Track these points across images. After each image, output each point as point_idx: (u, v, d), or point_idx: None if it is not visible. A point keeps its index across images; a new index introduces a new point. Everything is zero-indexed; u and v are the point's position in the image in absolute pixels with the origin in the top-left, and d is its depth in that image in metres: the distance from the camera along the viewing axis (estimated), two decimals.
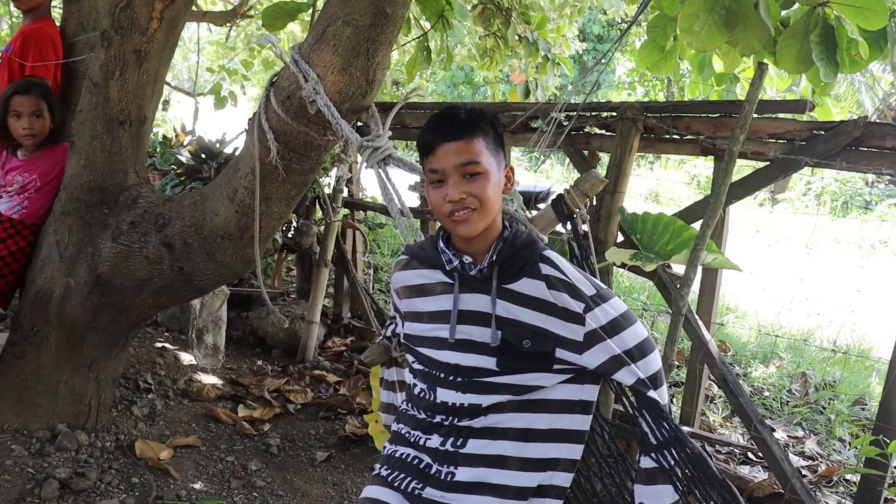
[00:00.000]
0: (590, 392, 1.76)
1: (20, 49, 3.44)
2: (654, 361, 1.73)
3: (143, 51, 2.89)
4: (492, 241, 1.72)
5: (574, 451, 1.75)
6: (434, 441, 1.74)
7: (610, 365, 1.69)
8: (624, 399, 1.82)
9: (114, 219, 3.01)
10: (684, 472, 1.70)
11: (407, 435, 1.81)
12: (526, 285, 1.70)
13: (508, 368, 1.70)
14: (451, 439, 1.72)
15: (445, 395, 1.73)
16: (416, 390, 1.82)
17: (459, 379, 1.71)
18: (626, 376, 1.70)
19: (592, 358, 1.69)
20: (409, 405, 1.85)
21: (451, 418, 1.72)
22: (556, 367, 1.71)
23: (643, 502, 1.72)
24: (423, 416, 1.78)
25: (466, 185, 1.64)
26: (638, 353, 1.70)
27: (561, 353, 1.69)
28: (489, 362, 1.70)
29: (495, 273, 1.70)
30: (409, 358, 1.89)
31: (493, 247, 1.72)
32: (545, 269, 1.70)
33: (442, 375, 1.74)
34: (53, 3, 3.72)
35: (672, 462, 1.70)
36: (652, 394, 1.70)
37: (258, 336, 5.03)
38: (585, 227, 2.03)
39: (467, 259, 1.72)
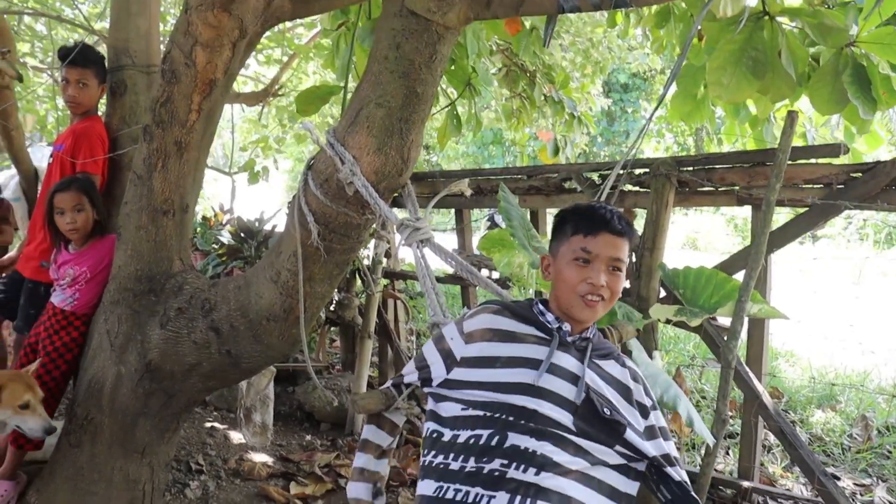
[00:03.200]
0: (634, 487, 1.81)
1: (72, 147, 3.58)
2: (686, 475, 1.84)
3: (184, 142, 2.98)
4: (586, 325, 1.89)
5: None
6: (500, 499, 1.61)
7: (665, 459, 1.81)
8: (660, 499, 1.86)
9: (161, 306, 3.08)
10: None
11: (457, 497, 1.65)
12: (612, 367, 1.87)
13: (582, 432, 1.71)
14: (520, 498, 1.60)
15: (518, 440, 1.67)
16: (464, 439, 1.71)
17: (534, 425, 1.68)
18: (673, 473, 1.80)
19: (652, 448, 1.80)
20: (451, 457, 1.72)
21: (517, 465, 1.63)
22: (618, 447, 1.75)
23: None
24: (476, 465, 1.65)
25: (608, 277, 1.82)
26: (677, 462, 1.84)
27: (630, 434, 1.76)
28: (566, 418, 1.71)
29: (590, 347, 1.86)
30: (444, 408, 1.81)
31: (589, 328, 1.90)
32: (628, 363, 1.93)
33: (512, 419, 1.69)
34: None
35: None
36: (693, 494, 1.79)
37: (305, 411, 5.04)
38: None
39: (567, 326, 1.86)
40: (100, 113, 3.88)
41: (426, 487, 1.74)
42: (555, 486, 1.64)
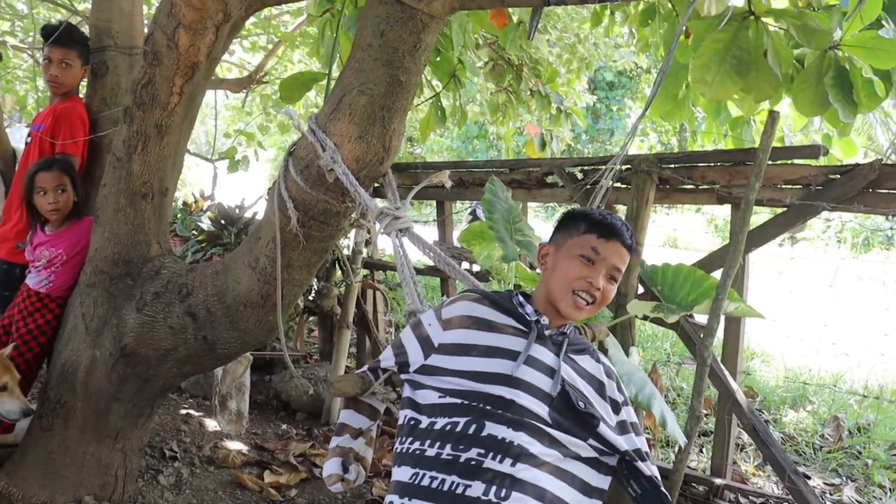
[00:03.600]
0: (605, 482, 1.84)
1: (52, 127, 3.53)
2: (657, 470, 1.88)
3: (164, 125, 2.96)
4: (564, 322, 1.92)
5: None
6: (476, 489, 1.60)
7: (636, 454, 1.85)
8: (631, 494, 1.88)
9: (138, 290, 3.05)
10: None
11: (432, 484, 1.65)
12: (587, 362, 1.90)
13: (556, 423, 1.72)
14: (495, 488, 1.60)
15: (495, 430, 1.67)
16: (441, 425, 1.72)
17: (511, 415, 1.69)
18: (644, 468, 1.84)
19: (624, 442, 1.84)
20: (427, 444, 1.71)
21: (494, 455, 1.63)
22: (591, 441, 1.78)
23: None
24: (452, 453, 1.66)
25: (604, 282, 1.85)
26: (648, 457, 1.88)
27: (603, 428, 1.79)
28: (542, 409, 1.72)
29: (566, 342, 1.88)
30: (422, 395, 1.81)
31: (566, 324, 1.93)
32: (603, 359, 1.96)
33: (489, 408, 1.70)
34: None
35: None
36: (663, 489, 1.83)
37: (282, 400, 5.03)
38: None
39: (545, 319, 1.88)
40: (80, 94, 3.84)
41: (401, 474, 1.73)
42: (530, 477, 1.65)
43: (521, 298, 1.93)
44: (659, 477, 1.84)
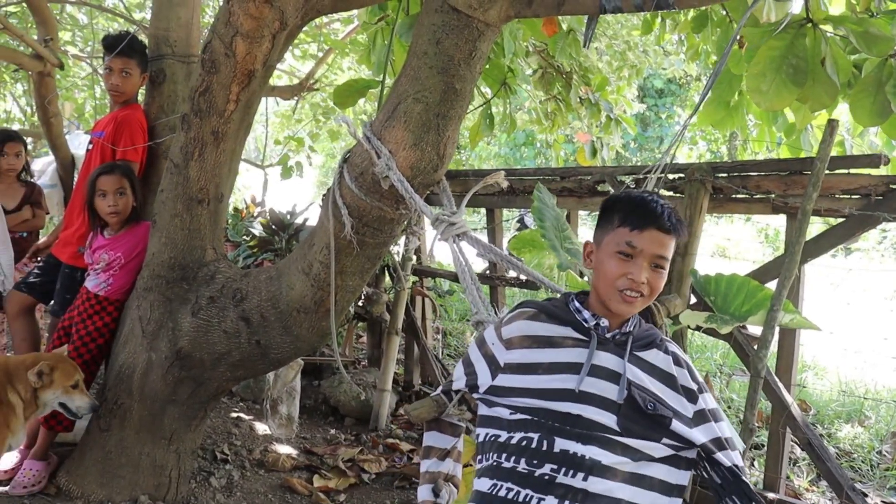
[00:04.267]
0: (685, 478, 1.78)
1: (112, 134, 3.63)
2: (740, 457, 1.82)
3: (221, 132, 3.02)
4: (634, 312, 1.84)
5: None
6: (550, 502, 1.64)
7: (712, 445, 1.77)
8: (712, 485, 1.83)
9: (193, 294, 3.11)
10: None
11: (508, 495, 1.69)
12: (654, 356, 1.83)
13: (627, 430, 1.70)
14: (568, 502, 1.63)
15: (566, 445, 1.68)
16: (517, 439, 1.74)
17: (579, 430, 1.69)
18: (724, 458, 1.76)
19: (700, 434, 1.76)
20: (504, 457, 1.75)
21: (566, 471, 1.66)
22: (665, 440, 1.73)
23: None
24: (527, 468, 1.69)
25: (649, 273, 1.77)
26: (730, 444, 1.79)
27: (676, 424, 1.73)
28: (610, 420, 1.70)
29: (630, 340, 1.81)
30: (496, 411, 1.83)
31: (628, 320, 1.85)
32: (672, 348, 1.87)
33: (557, 425, 1.71)
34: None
35: None
36: (744, 478, 1.75)
37: (331, 405, 5.06)
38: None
39: (604, 322, 1.82)
40: (139, 101, 3.93)
41: (481, 484, 1.77)
42: (603, 489, 1.65)
43: (577, 304, 1.87)
44: (741, 465, 1.78)
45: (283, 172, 8.39)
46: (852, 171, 3.19)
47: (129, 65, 3.69)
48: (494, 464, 1.76)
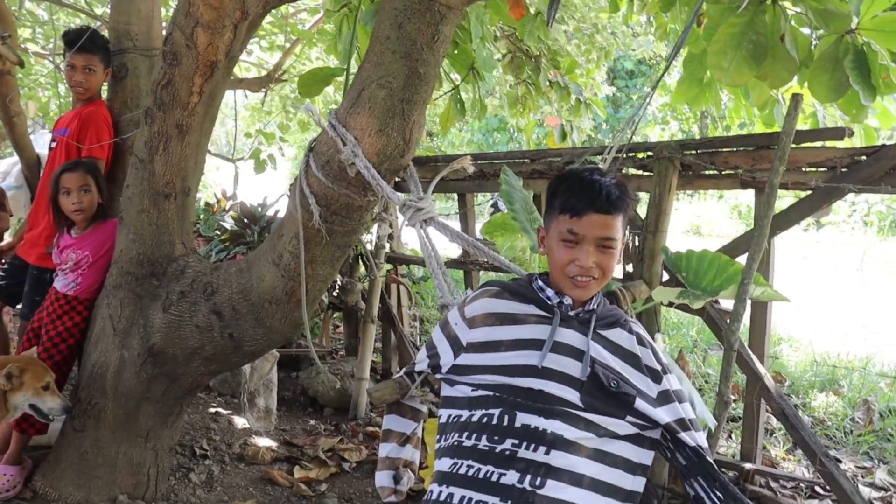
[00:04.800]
0: (648, 457, 1.78)
1: (77, 131, 3.57)
2: (704, 438, 1.82)
3: (185, 125, 2.98)
4: (590, 295, 1.82)
5: None
6: (510, 477, 1.63)
7: (676, 425, 1.77)
8: (676, 466, 1.84)
9: (163, 290, 3.08)
10: None
11: (468, 472, 1.68)
12: (618, 335, 1.82)
13: (590, 406, 1.70)
14: (530, 477, 1.62)
15: (528, 419, 1.68)
16: (478, 417, 1.74)
17: (541, 405, 1.69)
18: (688, 438, 1.77)
19: (664, 414, 1.76)
20: (465, 435, 1.74)
21: (528, 445, 1.65)
22: (629, 418, 1.73)
23: None
24: (488, 444, 1.68)
25: (597, 256, 1.74)
26: (693, 425, 1.80)
27: (640, 403, 1.74)
28: (573, 395, 1.70)
29: (594, 318, 1.81)
30: (457, 390, 1.83)
31: (592, 298, 1.84)
32: (636, 328, 1.86)
33: (520, 400, 1.70)
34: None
35: None
36: (708, 458, 1.76)
37: (309, 395, 5.05)
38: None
39: (567, 300, 1.81)
40: (102, 97, 3.88)
41: (442, 465, 1.76)
42: (566, 464, 1.65)
43: (540, 283, 1.86)
44: (705, 445, 1.78)
45: (257, 166, 8.33)
46: (819, 144, 3.23)
47: (92, 61, 3.63)
48: (455, 443, 1.75)
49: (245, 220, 4.94)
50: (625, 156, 3.65)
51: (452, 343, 1.87)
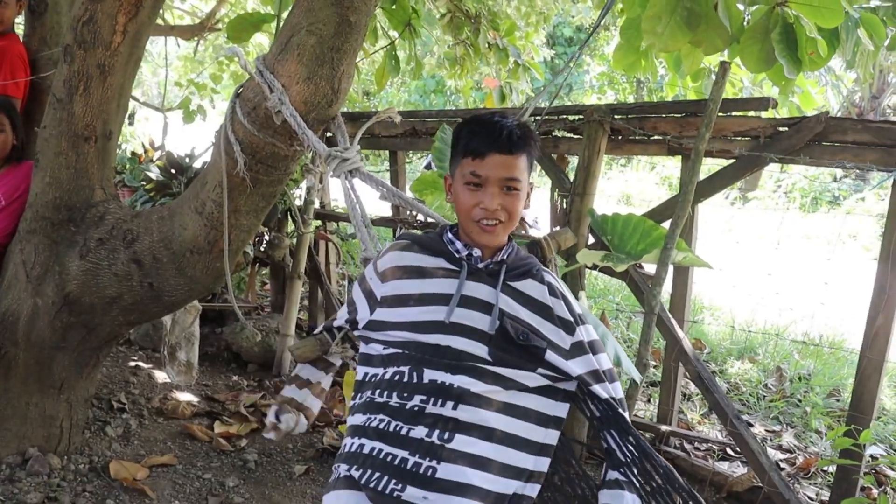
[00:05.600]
0: (562, 410, 1.79)
1: None
2: (620, 389, 1.83)
3: (107, 65, 2.86)
4: (500, 245, 1.81)
5: (545, 465, 1.75)
6: (419, 431, 1.65)
7: (590, 377, 1.77)
8: (590, 418, 1.84)
9: (81, 236, 2.98)
10: (651, 485, 1.71)
11: (379, 426, 1.70)
12: (529, 286, 1.80)
13: (499, 360, 1.69)
14: (438, 431, 1.64)
15: (434, 375, 1.68)
16: (390, 374, 1.74)
17: (448, 361, 1.69)
18: (600, 391, 1.77)
19: (576, 366, 1.76)
20: (377, 393, 1.75)
21: (435, 401, 1.66)
22: (540, 370, 1.73)
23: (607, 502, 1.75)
24: (399, 401, 1.70)
25: (502, 198, 1.72)
26: (608, 376, 1.80)
27: (550, 355, 1.73)
28: (481, 350, 1.69)
29: (503, 269, 1.78)
30: (372, 347, 1.83)
31: (502, 249, 1.81)
32: (548, 278, 1.83)
33: (427, 357, 1.70)
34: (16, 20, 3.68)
35: (639, 478, 1.72)
36: (621, 411, 1.77)
37: (233, 351, 4.99)
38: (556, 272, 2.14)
39: (476, 252, 1.79)
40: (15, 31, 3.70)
41: (355, 420, 1.77)
42: (474, 418, 1.65)
43: (450, 235, 1.83)
44: (619, 397, 1.79)
45: (186, 116, 8.11)
46: (744, 113, 3.29)
47: None
48: (368, 399, 1.77)
49: (172, 171, 4.80)
50: (556, 118, 3.66)
51: (368, 297, 1.86)
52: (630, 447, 1.74)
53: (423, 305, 1.74)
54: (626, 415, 1.79)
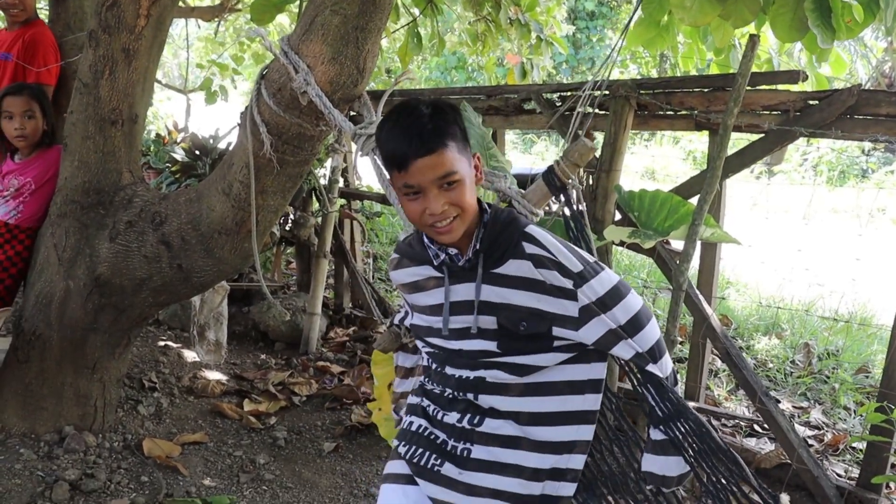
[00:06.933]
0: (599, 370, 1.72)
1: (23, 54, 3.42)
2: (650, 334, 1.68)
3: (132, 49, 2.88)
4: (473, 229, 1.67)
5: (588, 432, 1.72)
6: (452, 417, 1.76)
7: (608, 339, 1.65)
8: (629, 374, 1.79)
9: (110, 219, 3.01)
10: (691, 445, 1.68)
11: (427, 408, 1.84)
12: (513, 267, 1.66)
13: (509, 349, 1.69)
14: (469, 416, 1.74)
15: (457, 371, 1.76)
16: (429, 365, 1.86)
17: (465, 360, 1.74)
18: (623, 351, 1.66)
19: (589, 333, 1.65)
20: (428, 380, 1.86)
21: (461, 393, 1.74)
22: (556, 345, 1.68)
23: (651, 471, 1.72)
24: (438, 390, 1.81)
25: (446, 195, 1.58)
26: (631, 328, 1.66)
27: (558, 330, 1.66)
28: (490, 346, 1.71)
29: (481, 260, 1.68)
30: (420, 343, 1.91)
31: (475, 234, 1.68)
32: (529, 249, 1.65)
33: (450, 357, 1.77)
34: (39, 5, 3.70)
35: (681, 435, 1.68)
36: (651, 367, 1.67)
37: (260, 330, 5.04)
38: (580, 203, 2.02)
39: (453, 251, 1.70)
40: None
41: (412, 399, 1.92)
42: (499, 405, 1.72)
43: (426, 238, 1.74)
44: (648, 347, 1.66)
45: (208, 97, 8.13)
46: (773, 87, 3.24)
47: None
48: (421, 383, 1.91)
49: (196, 152, 4.83)
50: (584, 94, 3.62)
51: (406, 302, 1.97)
52: (668, 404, 1.68)
53: (432, 316, 1.79)
54: (660, 366, 1.68)
